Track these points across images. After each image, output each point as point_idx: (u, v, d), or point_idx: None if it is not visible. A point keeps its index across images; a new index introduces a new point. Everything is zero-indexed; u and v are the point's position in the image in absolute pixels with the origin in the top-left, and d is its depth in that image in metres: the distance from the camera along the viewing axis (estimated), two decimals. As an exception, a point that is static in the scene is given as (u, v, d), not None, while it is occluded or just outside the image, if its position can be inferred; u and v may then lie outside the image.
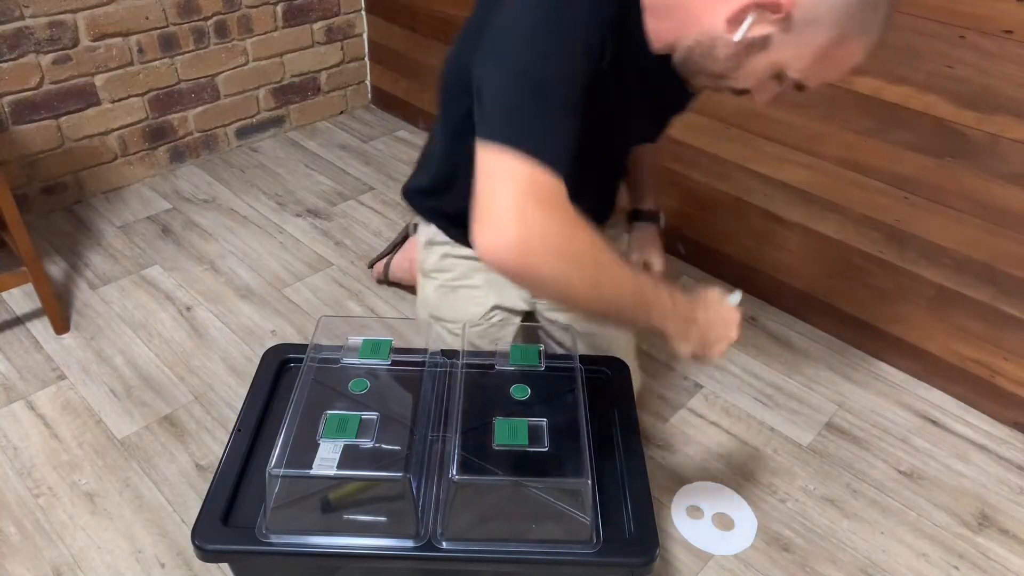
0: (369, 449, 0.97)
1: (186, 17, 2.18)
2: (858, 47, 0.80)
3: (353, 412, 1.02)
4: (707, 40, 0.80)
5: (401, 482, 0.93)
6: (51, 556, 1.29)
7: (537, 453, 0.99)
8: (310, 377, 1.10)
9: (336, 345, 1.16)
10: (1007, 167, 1.39)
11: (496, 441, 0.99)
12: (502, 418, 1.02)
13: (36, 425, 1.52)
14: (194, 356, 1.70)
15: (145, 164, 2.30)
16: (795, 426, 1.59)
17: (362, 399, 1.06)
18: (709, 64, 0.82)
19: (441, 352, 1.26)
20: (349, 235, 2.12)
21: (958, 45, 1.36)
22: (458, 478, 0.94)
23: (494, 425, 1.01)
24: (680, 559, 1.33)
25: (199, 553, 0.94)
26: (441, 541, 0.94)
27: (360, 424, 1.00)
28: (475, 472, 0.96)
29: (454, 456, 0.96)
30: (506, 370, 1.13)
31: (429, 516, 0.97)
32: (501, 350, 1.16)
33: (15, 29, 1.89)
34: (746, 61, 0.80)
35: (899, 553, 1.35)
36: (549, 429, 1.02)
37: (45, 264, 1.94)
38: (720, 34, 0.78)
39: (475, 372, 1.13)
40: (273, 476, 0.95)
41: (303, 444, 0.98)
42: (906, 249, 1.60)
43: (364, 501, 0.99)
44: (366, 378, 1.09)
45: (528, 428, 1.01)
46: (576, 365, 1.13)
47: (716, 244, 1.96)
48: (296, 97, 2.58)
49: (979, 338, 1.58)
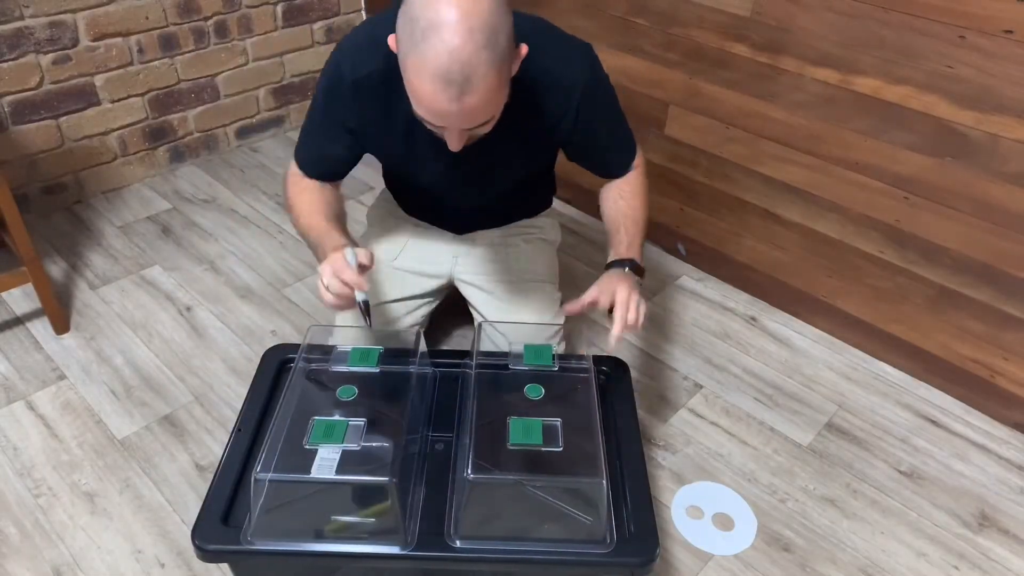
0: (356, 454, 0.97)
1: (186, 17, 2.18)
2: (414, 75, 0.89)
3: (340, 418, 1.02)
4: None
5: (387, 487, 0.93)
6: (51, 556, 1.29)
7: (551, 453, 0.99)
8: (300, 383, 1.10)
9: (325, 354, 1.16)
10: (1007, 167, 1.39)
11: (511, 441, 0.99)
12: (516, 418, 1.02)
13: (36, 425, 1.52)
14: (194, 356, 1.70)
15: (145, 164, 2.30)
16: (795, 426, 1.59)
17: (350, 405, 1.06)
18: None
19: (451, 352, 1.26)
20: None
21: (958, 45, 1.36)
22: (472, 477, 0.94)
23: (508, 425, 1.01)
24: (680, 559, 1.33)
25: (199, 553, 0.94)
26: (455, 540, 0.94)
27: (347, 430, 1.00)
28: (489, 471, 0.96)
29: (468, 456, 0.96)
30: (520, 370, 1.13)
31: (417, 520, 0.97)
32: (514, 351, 1.17)
33: (15, 29, 1.89)
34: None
35: (899, 553, 1.35)
36: (563, 429, 1.02)
37: (45, 264, 1.94)
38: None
39: (488, 372, 1.13)
40: (259, 481, 0.94)
41: (291, 449, 0.98)
42: (906, 249, 1.60)
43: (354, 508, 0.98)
44: (355, 384, 1.09)
45: (543, 428, 1.01)
46: (589, 366, 1.13)
47: (716, 244, 1.96)
48: (296, 97, 2.58)
49: (979, 338, 1.58)
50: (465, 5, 0.85)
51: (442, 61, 0.86)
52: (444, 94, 0.88)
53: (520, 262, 1.47)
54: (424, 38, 0.86)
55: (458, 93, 0.88)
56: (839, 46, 1.51)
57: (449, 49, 0.85)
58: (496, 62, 0.89)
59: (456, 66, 0.86)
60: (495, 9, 0.87)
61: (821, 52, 1.54)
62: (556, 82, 1.13)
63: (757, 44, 1.63)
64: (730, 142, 1.79)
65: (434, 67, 0.86)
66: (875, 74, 1.48)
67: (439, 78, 0.87)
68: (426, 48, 0.86)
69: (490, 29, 0.86)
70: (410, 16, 0.88)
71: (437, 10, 0.85)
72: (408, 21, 0.88)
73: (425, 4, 0.86)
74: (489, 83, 0.89)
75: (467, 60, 0.86)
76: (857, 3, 1.45)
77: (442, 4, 0.85)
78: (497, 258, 1.46)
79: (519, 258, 1.47)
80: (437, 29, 0.85)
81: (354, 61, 1.11)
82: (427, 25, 0.85)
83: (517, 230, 1.49)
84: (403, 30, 0.89)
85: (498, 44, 0.88)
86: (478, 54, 0.86)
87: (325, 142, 1.22)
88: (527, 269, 1.47)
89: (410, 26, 0.87)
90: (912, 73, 1.43)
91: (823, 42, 1.53)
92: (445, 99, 0.89)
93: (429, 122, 0.96)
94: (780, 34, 1.58)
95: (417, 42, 0.87)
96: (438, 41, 0.85)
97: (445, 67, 0.86)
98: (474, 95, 0.89)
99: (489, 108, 0.93)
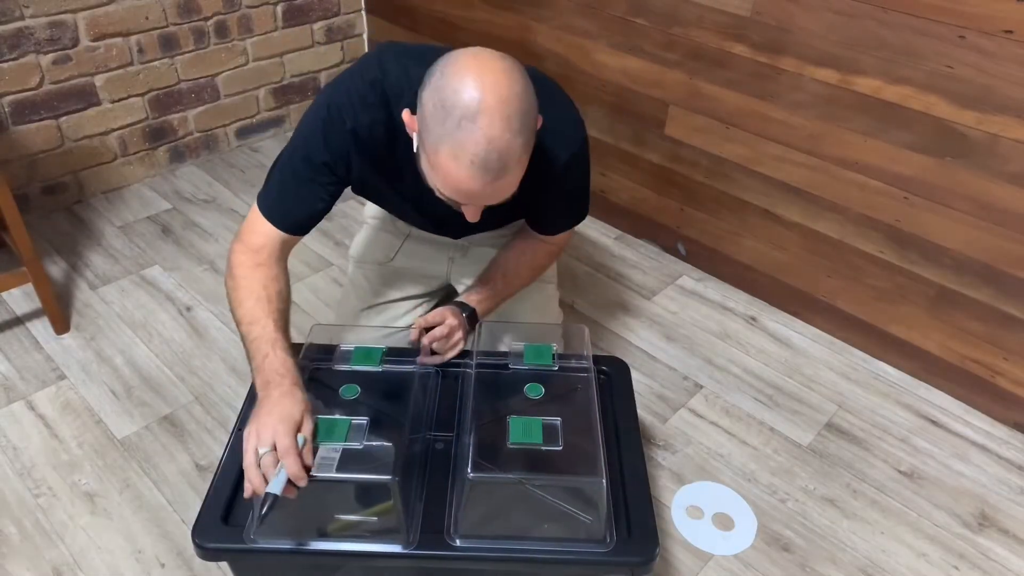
0: (358, 453, 0.97)
1: (186, 17, 2.18)
2: (448, 160, 0.88)
3: (343, 416, 1.01)
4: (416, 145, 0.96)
5: (390, 486, 0.93)
6: (51, 556, 1.29)
7: (551, 452, 0.99)
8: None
9: (328, 353, 1.16)
10: (1007, 167, 1.39)
11: (511, 440, 0.99)
12: (516, 417, 1.02)
13: (36, 425, 1.52)
14: (194, 356, 1.70)
15: (145, 164, 2.30)
16: (795, 426, 1.59)
17: (353, 404, 1.06)
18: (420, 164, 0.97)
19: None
20: (349, 235, 2.11)
21: (958, 45, 1.36)
22: (473, 476, 0.94)
23: (508, 424, 1.01)
24: (680, 559, 1.33)
25: (199, 551, 0.94)
26: (455, 539, 0.94)
27: (349, 428, 1.00)
28: (490, 470, 0.96)
29: (469, 455, 0.96)
30: (520, 370, 1.13)
31: (419, 519, 0.97)
32: (514, 350, 1.17)
33: (15, 29, 1.89)
34: (423, 167, 0.95)
35: (899, 553, 1.35)
36: (563, 428, 1.02)
37: (45, 264, 1.94)
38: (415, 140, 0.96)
39: (489, 372, 1.13)
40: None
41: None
42: (906, 249, 1.60)
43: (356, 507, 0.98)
44: (357, 383, 1.09)
45: (543, 427, 1.01)
46: (589, 366, 1.13)
47: (716, 244, 1.96)
48: (296, 97, 2.58)
49: (979, 338, 1.58)
50: (501, 92, 0.85)
51: (480, 150, 0.85)
52: (480, 180, 0.88)
53: None
54: (460, 127, 0.85)
55: (494, 178, 0.88)
56: (839, 46, 1.51)
57: (488, 138, 0.85)
58: (528, 145, 0.90)
59: (495, 155, 0.86)
60: (525, 91, 0.88)
61: (821, 52, 1.54)
62: (551, 152, 1.11)
63: (757, 44, 1.63)
64: (730, 142, 1.79)
65: (472, 155, 0.86)
66: (875, 74, 1.48)
67: (477, 166, 0.87)
68: (463, 137, 0.85)
69: (523, 114, 0.87)
70: (441, 100, 0.86)
71: (473, 96, 0.84)
72: (439, 106, 0.86)
73: (457, 89, 0.85)
74: (522, 165, 0.91)
75: (505, 148, 0.86)
76: (857, 3, 1.45)
77: (476, 90, 0.84)
78: None
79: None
80: (474, 118, 0.84)
81: (355, 110, 1.06)
82: (463, 113, 0.84)
83: (514, 230, 1.49)
84: (433, 115, 0.87)
85: (529, 127, 0.89)
86: (515, 140, 0.86)
87: (306, 187, 1.11)
88: None
89: (442, 112, 0.86)
90: (912, 73, 1.44)
91: (823, 42, 1.53)
92: (480, 184, 0.89)
93: (450, 199, 0.95)
94: (780, 34, 1.58)
95: (451, 130, 0.86)
96: (476, 130, 0.84)
97: (483, 155, 0.86)
98: (507, 178, 0.90)
99: (515, 185, 0.94)
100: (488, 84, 0.85)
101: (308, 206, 1.12)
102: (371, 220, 1.53)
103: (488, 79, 0.86)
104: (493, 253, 1.47)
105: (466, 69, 0.87)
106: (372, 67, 1.06)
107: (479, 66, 0.87)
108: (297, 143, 1.11)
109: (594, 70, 1.97)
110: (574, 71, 2.00)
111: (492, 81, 0.85)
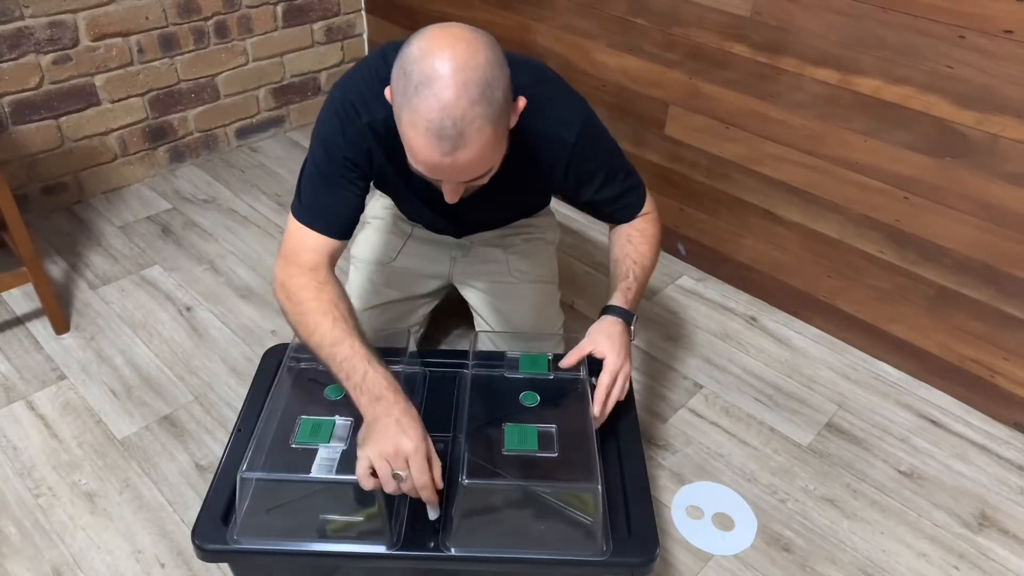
0: (343, 453, 0.97)
1: (186, 17, 2.18)
2: (408, 128, 0.88)
3: (327, 417, 1.01)
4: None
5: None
6: (51, 556, 1.29)
7: (547, 459, 0.99)
8: (288, 382, 1.10)
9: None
10: (1007, 167, 1.39)
11: (506, 446, 0.99)
12: (511, 424, 1.02)
13: (36, 425, 1.52)
14: (194, 356, 1.70)
15: (145, 164, 2.30)
16: (795, 426, 1.59)
17: (338, 404, 1.06)
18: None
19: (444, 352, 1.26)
20: (349, 235, 2.12)
21: (958, 45, 1.36)
22: (467, 483, 0.94)
23: (504, 431, 1.01)
24: (680, 559, 1.33)
25: (199, 552, 0.94)
26: (449, 546, 0.94)
27: (334, 429, 1.00)
28: (484, 476, 0.96)
29: (463, 461, 0.96)
30: (516, 377, 1.13)
31: (403, 519, 0.97)
32: (510, 357, 1.17)
33: (15, 29, 1.89)
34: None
35: (899, 553, 1.35)
36: (559, 435, 1.02)
37: (45, 264, 1.94)
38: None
39: (483, 378, 1.13)
40: (246, 480, 0.94)
41: (278, 448, 0.98)
42: (906, 249, 1.60)
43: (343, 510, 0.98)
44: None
45: (538, 434, 1.01)
46: (584, 376, 1.13)
47: (716, 244, 1.96)
48: (296, 97, 2.58)
49: (979, 338, 1.58)
50: (459, 59, 0.84)
51: (435, 116, 0.85)
52: (437, 149, 0.87)
53: (519, 262, 1.47)
54: (417, 92, 0.85)
55: (451, 148, 0.87)
56: (839, 46, 1.51)
57: (442, 104, 0.84)
58: (491, 116, 0.87)
59: (449, 121, 0.85)
60: (490, 63, 0.87)
61: (821, 52, 1.54)
62: (550, 136, 1.11)
63: (757, 44, 1.63)
64: (730, 142, 1.79)
65: (427, 121, 0.85)
66: (875, 74, 1.48)
67: (432, 132, 0.86)
68: (419, 102, 0.85)
69: (484, 83, 0.85)
70: (404, 70, 0.87)
71: (431, 63, 0.84)
72: (402, 75, 0.87)
73: (419, 57, 0.85)
74: (484, 137, 0.88)
75: (460, 115, 0.85)
76: (857, 3, 1.45)
77: (436, 58, 0.84)
78: (496, 259, 1.47)
79: (518, 258, 1.47)
80: (430, 83, 0.84)
81: (369, 104, 1.08)
82: (421, 79, 0.84)
83: (516, 230, 1.49)
84: (397, 83, 0.88)
85: (493, 98, 0.87)
86: (472, 109, 0.85)
87: (337, 185, 1.12)
88: (526, 269, 1.47)
89: (404, 80, 0.86)
90: (912, 73, 1.44)
91: (823, 42, 1.53)
92: (438, 153, 0.88)
93: (425, 175, 0.95)
94: (780, 34, 1.58)
95: (410, 96, 0.86)
96: (431, 95, 0.84)
97: (438, 121, 0.85)
98: (468, 150, 0.88)
99: (484, 162, 0.92)
100: (447, 52, 0.85)
101: (344, 203, 1.12)
102: (373, 220, 1.53)
103: (448, 48, 0.85)
104: (496, 252, 1.47)
105: (429, 39, 0.87)
106: (379, 63, 1.07)
107: (442, 35, 0.87)
108: (317, 146, 1.12)
109: (594, 70, 1.97)
110: (574, 71, 2.00)
111: (452, 50, 0.85)
